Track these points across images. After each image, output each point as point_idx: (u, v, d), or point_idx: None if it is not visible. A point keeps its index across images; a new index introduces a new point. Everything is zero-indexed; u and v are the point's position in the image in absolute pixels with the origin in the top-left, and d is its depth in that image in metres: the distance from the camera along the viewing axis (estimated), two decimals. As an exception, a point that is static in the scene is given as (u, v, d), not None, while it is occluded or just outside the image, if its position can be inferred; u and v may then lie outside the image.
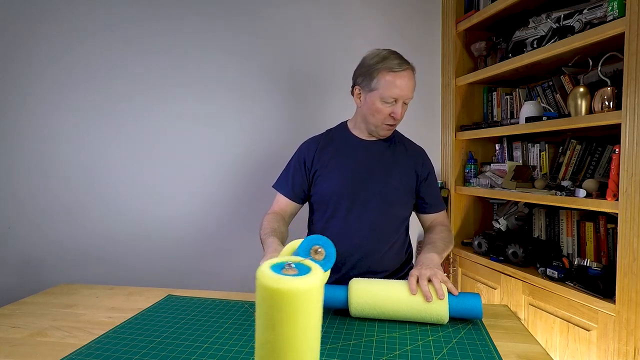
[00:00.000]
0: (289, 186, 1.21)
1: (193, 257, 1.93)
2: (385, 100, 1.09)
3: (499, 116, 1.98)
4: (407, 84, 1.08)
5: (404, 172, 1.19)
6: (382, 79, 1.08)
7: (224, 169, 1.94)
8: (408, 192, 1.20)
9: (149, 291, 1.15)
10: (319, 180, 1.19)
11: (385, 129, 1.15)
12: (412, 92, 1.10)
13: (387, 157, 1.19)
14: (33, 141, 1.81)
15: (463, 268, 1.94)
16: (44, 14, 1.78)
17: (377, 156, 1.19)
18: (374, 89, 1.10)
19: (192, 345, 0.81)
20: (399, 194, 1.17)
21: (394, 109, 1.10)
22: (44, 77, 1.80)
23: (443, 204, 1.27)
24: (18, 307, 1.05)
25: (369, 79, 1.11)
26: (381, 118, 1.12)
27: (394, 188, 1.17)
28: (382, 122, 1.13)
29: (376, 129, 1.16)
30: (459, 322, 0.90)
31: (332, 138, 1.24)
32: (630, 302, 1.18)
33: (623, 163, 1.20)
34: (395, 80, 1.07)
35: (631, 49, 1.17)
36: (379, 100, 1.09)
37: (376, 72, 1.09)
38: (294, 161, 1.24)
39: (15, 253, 1.81)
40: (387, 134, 1.17)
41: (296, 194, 1.21)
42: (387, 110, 1.10)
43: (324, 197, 1.18)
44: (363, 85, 1.13)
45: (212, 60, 1.90)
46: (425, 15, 2.07)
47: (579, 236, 1.56)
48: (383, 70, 1.08)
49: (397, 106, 1.09)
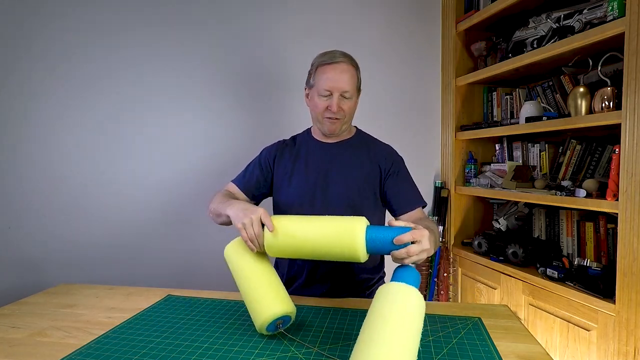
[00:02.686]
0: (244, 179, 1.21)
1: (193, 257, 1.93)
2: (321, 93, 1.09)
3: (499, 116, 1.98)
4: (339, 76, 1.07)
5: (366, 171, 1.15)
6: (317, 74, 1.10)
7: (225, 168, 1.94)
8: (372, 192, 1.15)
9: (148, 291, 1.16)
10: (279, 188, 1.18)
11: (327, 123, 1.12)
12: (347, 84, 1.08)
13: (346, 158, 1.16)
14: (34, 141, 1.81)
15: (463, 268, 1.94)
16: (46, 17, 1.78)
17: (336, 157, 1.17)
18: (313, 85, 1.12)
19: (192, 345, 0.81)
20: (362, 196, 1.13)
21: (329, 102, 1.09)
22: (45, 78, 1.80)
23: (421, 201, 1.15)
24: (18, 307, 1.06)
25: (310, 77, 1.14)
26: (320, 112, 1.11)
27: (356, 189, 1.12)
28: (322, 117, 1.12)
29: (321, 125, 1.15)
30: (459, 322, 0.90)
31: (294, 143, 1.24)
32: (630, 302, 1.18)
33: (623, 163, 1.20)
34: (327, 72, 1.08)
35: (631, 49, 1.17)
36: (317, 95, 1.11)
37: (314, 68, 1.12)
38: (254, 162, 1.25)
39: (15, 253, 1.81)
40: (332, 128, 1.13)
41: (248, 187, 1.20)
42: (324, 104, 1.10)
43: (287, 205, 1.16)
44: (308, 85, 1.15)
45: (212, 61, 1.90)
46: (425, 15, 2.07)
47: (579, 236, 1.56)
48: (318, 65, 1.10)
49: (332, 99, 1.08)
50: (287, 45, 1.95)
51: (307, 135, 1.25)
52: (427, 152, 2.12)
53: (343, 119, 1.12)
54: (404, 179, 1.17)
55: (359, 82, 1.15)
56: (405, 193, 1.15)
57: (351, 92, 1.10)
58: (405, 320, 0.65)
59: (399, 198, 1.14)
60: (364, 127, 1.28)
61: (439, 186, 2.08)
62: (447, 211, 2.05)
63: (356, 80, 1.13)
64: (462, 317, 0.93)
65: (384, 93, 2.05)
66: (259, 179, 1.20)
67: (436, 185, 2.11)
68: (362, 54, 2.13)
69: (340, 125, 1.13)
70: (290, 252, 0.85)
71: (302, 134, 1.27)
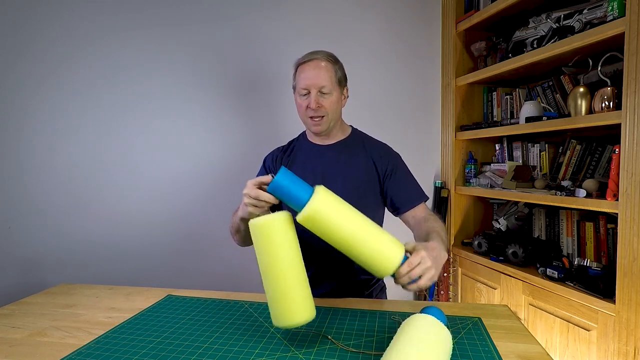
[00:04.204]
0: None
1: (193, 257, 1.93)
2: (300, 93, 1.09)
3: (499, 116, 1.98)
4: (313, 72, 1.07)
5: (363, 171, 1.14)
6: (297, 75, 1.11)
7: (226, 169, 1.94)
8: (371, 192, 1.14)
9: (148, 291, 1.15)
10: None
11: (311, 123, 1.11)
12: (323, 79, 1.07)
13: (343, 159, 1.15)
14: (34, 141, 1.81)
15: (463, 268, 1.94)
16: (47, 16, 1.78)
17: (332, 160, 1.15)
18: (294, 87, 1.12)
19: (192, 345, 0.81)
20: (361, 197, 1.10)
21: (308, 100, 1.08)
22: (45, 79, 1.80)
23: (422, 196, 1.14)
24: (18, 307, 1.05)
25: (293, 79, 1.14)
26: (303, 112, 1.10)
27: (355, 191, 1.11)
28: (306, 117, 1.11)
29: (307, 125, 1.14)
30: (459, 322, 0.90)
31: (292, 148, 1.22)
32: (630, 302, 1.18)
33: (623, 163, 1.20)
34: (304, 71, 1.08)
35: (631, 49, 1.17)
36: (298, 95, 1.10)
37: (294, 70, 1.13)
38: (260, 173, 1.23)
39: (15, 253, 1.81)
40: (317, 129, 1.11)
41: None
42: (305, 103, 1.09)
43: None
44: (293, 88, 1.15)
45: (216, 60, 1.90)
46: (425, 15, 2.07)
47: (579, 236, 1.56)
48: (298, 65, 1.11)
49: (310, 97, 1.07)
50: (287, 46, 1.95)
51: (302, 139, 1.23)
52: (427, 152, 2.12)
53: (326, 116, 1.09)
54: (403, 176, 1.16)
55: (338, 76, 1.11)
56: (406, 191, 1.14)
57: (329, 87, 1.07)
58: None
59: (400, 197, 1.13)
60: (364, 127, 1.27)
61: (439, 186, 2.08)
62: (447, 211, 2.05)
63: (334, 75, 1.09)
64: (462, 317, 0.93)
65: (384, 93, 2.05)
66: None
67: (436, 185, 2.11)
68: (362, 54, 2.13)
69: (325, 123, 1.11)
70: (326, 230, 0.76)
71: (297, 138, 1.26)
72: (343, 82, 1.14)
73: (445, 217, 2.05)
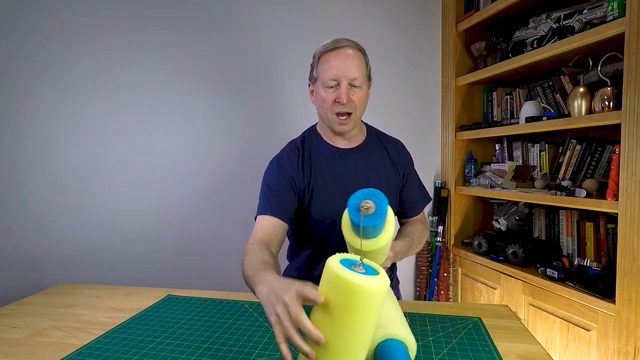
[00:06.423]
0: (273, 203, 0.99)
1: (193, 257, 1.93)
2: (327, 84, 0.96)
3: (499, 116, 1.98)
4: (345, 62, 0.94)
5: (387, 176, 1.08)
6: (321, 64, 0.98)
7: (226, 168, 1.94)
8: (394, 198, 1.08)
9: (148, 291, 1.15)
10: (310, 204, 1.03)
11: (337, 121, 0.99)
12: (355, 71, 0.95)
13: (367, 164, 1.06)
14: (33, 141, 1.81)
15: (463, 268, 1.94)
16: (41, 15, 1.78)
17: (359, 165, 1.06)
18: (317, 78, 0.99)
19: (192, 345, 0.81)
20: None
21: (337, 93, 0.95)
22: (45, 78, 1.80)
23: (426, 199, 1.12)
24: (18, 307, 1.05)
25: (313, 70, 1.01)
26: (329, 106, 0.98)
27: None
28: (331, 113, 0.98)
29: (330, 123, 1.01)
30: (459, 322, 0.90)
31: (307, 152, 1.07)
32: (630, 302, 1.18)
33: (623, 163, 1.20)
34: (332, 59, 0.95)
35: (631, 49, 1.16)
36: (322, 87, 0.97)
37: (316, 59, 1.00)
38: (275, 179, 1.03)
39: (15, 253, 1.81)
40: (343, 128, 1.00)
41: (284, 209, 0.99)
42: (332, 97, 0.96)
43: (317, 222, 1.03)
44: (311, 79, 1.03)
45: (216, 57, 1.90)
46: (425, 15, 2.07)
47: (579, 236, 1.56)
48: (321, 54, 0.98)
49: (340, 89, 0.95)
50: (287, 45, 1.95)
51: (315, 140, 1.08)
52: (427, 152, 2.12)
53: (354, 113, 0.98)
54: (414, 180, 1.13)
55: (368, 69, 1.01)
56: (415, 197, 1.11)
57: (360, 79, 0.96)
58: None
59: (410, 203, 1.11)
60: (364, 127, 1.27)
61: (439, 186, 2.08)
62: (447, 211, 2.05)
63: (365, 67, 0.99)
64: (462, 317, 0.93)
65: (384, 93, 2.05)
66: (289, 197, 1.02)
67: (436, 185, 2.11)
68: (362, 54, 2.10)
69: (352, 123, 1.00)
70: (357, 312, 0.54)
71: (305, 138, 1.10)
72: (370, 76, 1.03)
73: (445, 217, 2.05)
